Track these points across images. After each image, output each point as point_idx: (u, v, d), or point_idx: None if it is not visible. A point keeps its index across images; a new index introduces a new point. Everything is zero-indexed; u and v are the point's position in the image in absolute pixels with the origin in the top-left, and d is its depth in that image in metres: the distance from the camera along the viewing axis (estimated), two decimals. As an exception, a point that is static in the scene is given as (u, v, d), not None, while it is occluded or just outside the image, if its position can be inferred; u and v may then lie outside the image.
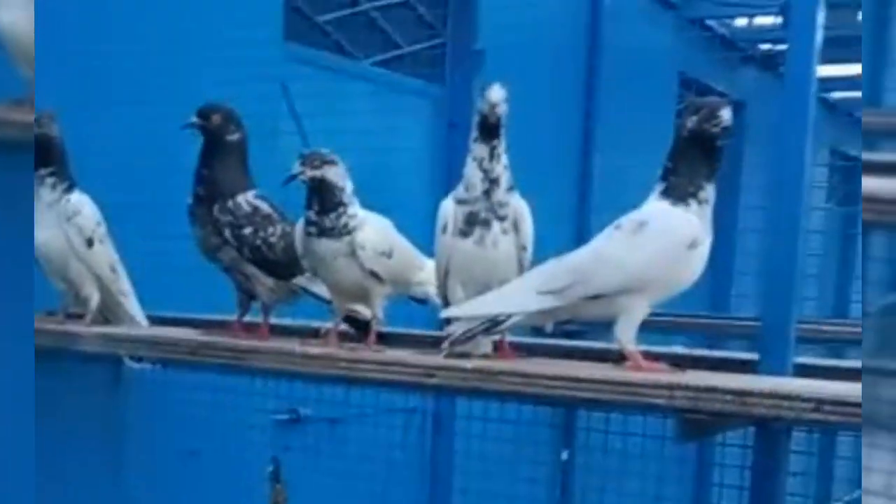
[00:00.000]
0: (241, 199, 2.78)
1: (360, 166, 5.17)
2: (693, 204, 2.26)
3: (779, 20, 7.75)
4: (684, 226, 2.24)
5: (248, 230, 2.76)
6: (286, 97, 4.86)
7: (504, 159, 2.46)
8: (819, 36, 2.66)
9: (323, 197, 2.58)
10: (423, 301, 2.78)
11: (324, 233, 2.58)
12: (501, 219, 2.43)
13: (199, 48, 4.27)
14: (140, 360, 3.12)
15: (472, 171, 2.45)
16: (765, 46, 8.36)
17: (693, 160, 2.27)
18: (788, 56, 2.71)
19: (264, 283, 2.84)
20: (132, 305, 3.16)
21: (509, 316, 2.29)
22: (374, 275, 2.60)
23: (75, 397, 3.74)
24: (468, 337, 2.33)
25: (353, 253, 2.57)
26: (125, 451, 3.91)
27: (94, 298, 3.06)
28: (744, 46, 8.10)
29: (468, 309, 2.34)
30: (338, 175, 2.60)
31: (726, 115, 2.25)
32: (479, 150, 2.44)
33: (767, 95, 6.58)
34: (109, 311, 3.16)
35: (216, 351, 2.70)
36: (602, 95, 6.55)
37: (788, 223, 2.44)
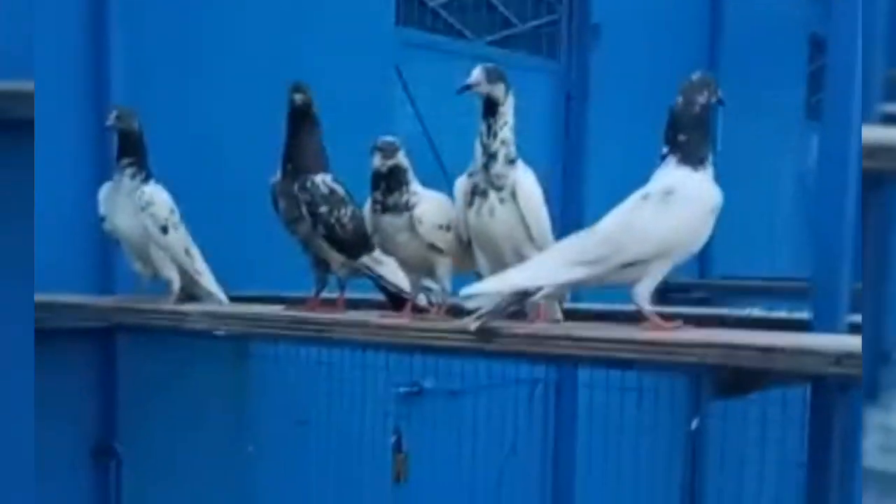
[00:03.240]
0: (318, 179, 2.96)
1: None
2: (709, 168, 2.41)
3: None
4: (709, 191, 2.39)
5: (323, 209, 2.94)
6: (400, 80, 5.02)
7: (503, 134, 2.56)
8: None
9: (391, 179, 2.76)
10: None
11: (387, 209, 2.76)
12: (499, 189, 2.56)
13: (311, 34, 4.47)
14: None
15: (476, 147, 2.59)
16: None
17: (703, 130, 2.45)
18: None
19: (336, 258, 3.01)
20: (209, 282, 3.43)
21: (540, 288, 2.37)
22: (433, 247, 2.75)
23: (203, 371, 4.02)
24: (500, 310, 2.39)
25: (412, 227, 2.73)
26: (249, 421, 4.17)
27: (176, 280, 3.33)
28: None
29: (499, 283, 2.39)
30: (404, 159, 2.79)
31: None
32: (482, 127, 2.57)
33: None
34: (189, 289, 3.42)
35: (304, 325, 2.87)
36: (726, 61, 6.48)
37: (837, 180, 2.45)
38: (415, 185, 2.79)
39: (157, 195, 3.27)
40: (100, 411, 3.95)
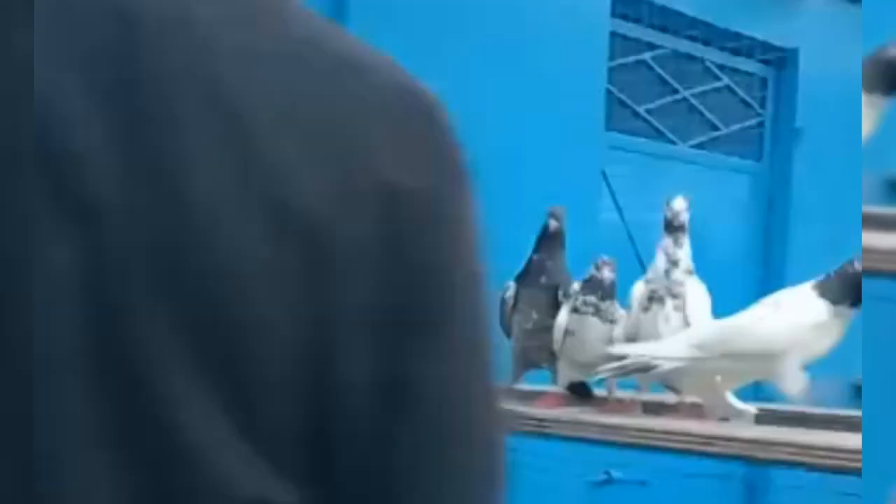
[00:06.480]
0: None
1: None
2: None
3: None
4: (814, 305, 2.56)
5: None
6: (606, 183, 5.28)
7: (686, 248, 2.73)
8: None
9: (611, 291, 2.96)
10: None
11: (597, 313, 2.91)
12: (675, 297, 2.70)
13: (526, 137, 4.76)
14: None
15: (658, 256, 2.74)
16: None
17: None
18: None
19: None
20: None
21: (658, 364, 2.61)
22: None
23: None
24: (618, 372, 2.67)
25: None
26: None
27: None
28: None
29: (634, 349, 2.68)
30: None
31: None
32: (666, 241, 2.74)
33: None
34: None
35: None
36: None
37: None
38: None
39: None
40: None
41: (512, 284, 3.26)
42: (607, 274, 2.98)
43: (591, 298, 2.96)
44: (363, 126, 0.74)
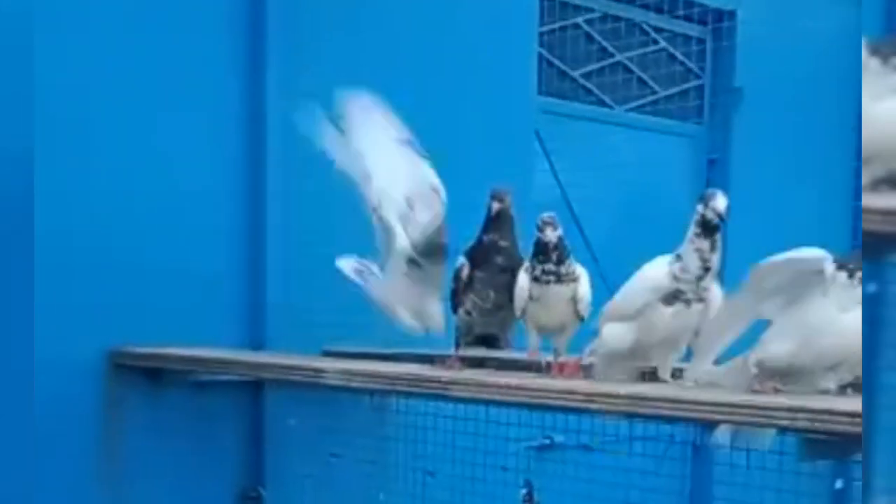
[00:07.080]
0: None
1: (619, 203, 5.46)
2: None
3: None
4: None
5: None
6: (539, 141, 5.21)
7: (719, 251, 2.71)
8: None
9: (560, 251, 2.97)
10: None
11: (559, 279, 2.96)
12: (701, 300, 2.73)
13: (449, 104, 4.69)
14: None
15: (690, 256, 2.70)
16: None
17: None
18: None
19: None
20: None
21: None
22: (580, 317, 3.00)
23: (344, 421, 4.26)
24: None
25: (572, 298, 2.97)
26: (389, 474, 4.36)
27: None
28: None
29: None
30: None
31: None
32: (700, 243, 2.69)
33: None
34: None
35: (425, 383, 3.08)
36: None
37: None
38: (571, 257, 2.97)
39: None
40: (248, 458, 4.23)
41: (465, 262, 3.22)
42: (551, 234, 2.92)
43: (550, 267, 2.94)
44: None
